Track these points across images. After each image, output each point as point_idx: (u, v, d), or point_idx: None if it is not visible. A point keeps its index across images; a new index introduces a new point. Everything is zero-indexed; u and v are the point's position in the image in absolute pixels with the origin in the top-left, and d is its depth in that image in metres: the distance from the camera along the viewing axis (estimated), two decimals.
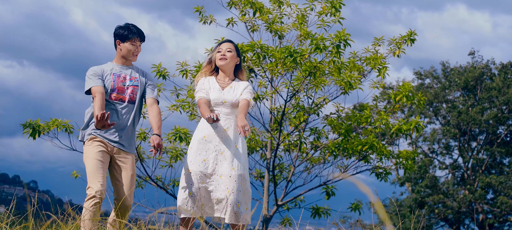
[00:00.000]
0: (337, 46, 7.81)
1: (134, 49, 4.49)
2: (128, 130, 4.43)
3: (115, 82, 4.40)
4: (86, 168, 4.25)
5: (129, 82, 4.46)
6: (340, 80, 8.44)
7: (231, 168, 4.36)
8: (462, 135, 28.60)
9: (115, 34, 4.54)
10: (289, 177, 9.21)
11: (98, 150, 4.28)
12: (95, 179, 4.17)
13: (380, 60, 8.59)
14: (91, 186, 4.16)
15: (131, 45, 4.48)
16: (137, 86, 4.48)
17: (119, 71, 4.49)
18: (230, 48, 4.62)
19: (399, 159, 9.06)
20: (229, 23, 9.48)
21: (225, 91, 4.53)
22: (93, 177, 4.18)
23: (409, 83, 8.82)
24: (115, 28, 4.56)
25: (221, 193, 4.30)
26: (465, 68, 29.42)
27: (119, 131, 4.38)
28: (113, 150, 4.36)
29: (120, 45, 4.50)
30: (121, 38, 4.49)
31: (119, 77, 4.44)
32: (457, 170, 29.05)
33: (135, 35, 4.50)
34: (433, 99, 28.92)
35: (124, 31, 4.50)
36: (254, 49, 8.11)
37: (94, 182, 4.16)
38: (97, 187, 4.13)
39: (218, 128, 4.42)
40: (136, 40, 4.50)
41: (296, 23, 8.94)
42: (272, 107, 9.29)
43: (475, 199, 26.80)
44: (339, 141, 8.88)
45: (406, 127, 8.53)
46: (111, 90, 4.38)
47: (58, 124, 8.04)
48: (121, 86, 4.42)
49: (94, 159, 4.25)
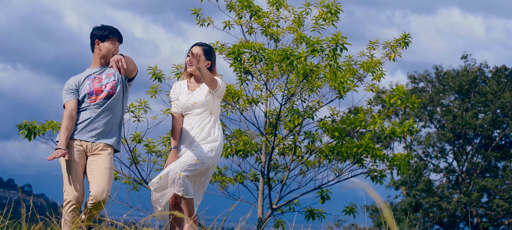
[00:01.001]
0: (333, 50, 7.82)
1: (113, 48, 4.47)
2: (100, 123, 4.39)
3: (90, 86, 4.40)
4: (62, 170, 4.26)
5: (106, 81, 4.45)
6: (335, 82, 8.47)
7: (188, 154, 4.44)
8: (457, 138, 28.69)
9: (94, 34, 4.54)
10: (284, 180, 9.22)
11: (74, 150, 4.29)
12: (71, 183, 4.17)
13: (375, 64, 8.61)
14: (67, 190, 4.16)
15: (111, 44, 4.47)
16: (115, 81, 4.46)
17: (94, 74, 4.49)
18: (198, 52, 4.61)
19: (393, 161, 9.09)
20: (226, 26, 9.49)
21: (195, 93, 4.58)
22: (69, 181, 4.19)
23: (403, 86, 8.85)
24: (93, 29, 4.56)
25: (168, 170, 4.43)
26: (458, 72, 29.53)
27: (96, 129, 4.37)
28: (87, 147, 4.34)
29: (100, 45, 4.50)
30: (101, 38, 4.50)
31: (94, 80, 4.43)
32: (452, 173, 29.13)
33: (115, 35, 4.50)
34: (428, 103, 29.02)
35: (104, 31, 4.51)
36: (251, 51, 8.12)
37: (69, 186, 4.17)
38: (73, 192, 4.14)
39: (193, 129, 4.47)
40: (115, 40, 4.49)
41: (292, 26, 8.96)
42: (267, 110, 9.30)
43: (470, 202, 26.87)
44: (333, 144, 8.90)
45: (399, 130, 8.55)
46: (89, 94, 4.38)
47: (54, 126, 8.02)
48: (98, 87, 4.41)
49: (70, 161, 4.28)
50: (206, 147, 4.47)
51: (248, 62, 8.38)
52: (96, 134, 4.37)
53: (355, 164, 9.08)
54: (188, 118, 4.52)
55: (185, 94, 4.56)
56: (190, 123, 4.51)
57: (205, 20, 9.56)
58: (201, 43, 4.73)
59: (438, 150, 29.44)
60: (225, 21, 9.50)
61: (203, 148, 4.46)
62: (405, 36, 8.68)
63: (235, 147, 9.13)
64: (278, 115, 8.76)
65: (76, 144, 4.34)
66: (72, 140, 4.37)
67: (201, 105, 4.52)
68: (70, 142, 4.36)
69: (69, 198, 4.14)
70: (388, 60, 8.75)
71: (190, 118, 4.53)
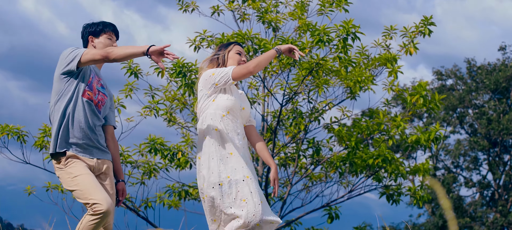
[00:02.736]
0: (344, 40, 7.85)
1: (110, 44, 4.56)
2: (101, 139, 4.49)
3: (93, 79, 4.47)
4: (79, 187, 4.23)
5: (100, 88, 4.52)
6: (347, 80, 8.49)
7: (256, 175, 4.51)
8: (492, 146, 28.79)
9: (86, 31, 4.61)
10: (285, 196, 9.25)
11: (85, 165, 4.32)
12: (100, 192, 4.17)
13: (393, 57, 8.64)
14: (98, 197, 4.13)
15: (107, 39, 4.58)
16: (106, 97, 4.55)
17: (96, 71, 4.57)
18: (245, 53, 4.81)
19: (415, 187, 9.10)
20: (214, 11, 9.53)
21: (242, 97, 4.66)
22: (95, 190, 4.18)
23: (426, 82, 8.84)
24: (84, 27, 4.65)
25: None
26: (494, 66, 29.64)
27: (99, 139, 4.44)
28: (94, 167, 4.40)
29: (94, 42, 4.58)
30: (95, 34, 4.59)
31: (94, 78, 4.51)
32: (486, 188, 29.23)
33: (110, 28, 4.60)
34: (458, 104, 29.09)
35: (98, 26, 4.60)
36: (245, 41, 8.16)
37: (100, 195, 4.15)
38: (107, 200, 4.13)
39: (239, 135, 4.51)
40: (111, 35, 4.59)
41: (295, 12, 9.00)
42: (266, 112, 9.34)
43: (508, 224, 26.95)
44: (346, 154, 8.91)
45: (424, 137, 8.57)
46: (87, 86, 4.42)
47: (9, 130, 8.03)
48: (95, 86, 4.49)
49: (85, 175, 4.26)
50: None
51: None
52: (101, 148, 4.46)
53: (369, 178, 9.11)
54: (233, 120, 4.54)
55: (236, 93, 4.60)
56: (235, 126, 4.51)
57: (188, 5, 9.60)
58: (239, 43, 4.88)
59: (470, 160, 29.54)
60: (213, 6, 9.55)
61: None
62: (427, 19, 8.64)
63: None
64: (278, 118, 8.79)
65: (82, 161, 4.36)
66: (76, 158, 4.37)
67: (245, 114, 4.61)
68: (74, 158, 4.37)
69: (104, 208, 4.13)
70: (405, 55, 8.75)
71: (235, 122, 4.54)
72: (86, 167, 4.29)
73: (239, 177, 4.26)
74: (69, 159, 4.32)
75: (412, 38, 8.67)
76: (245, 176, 4.27)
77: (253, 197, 4.21)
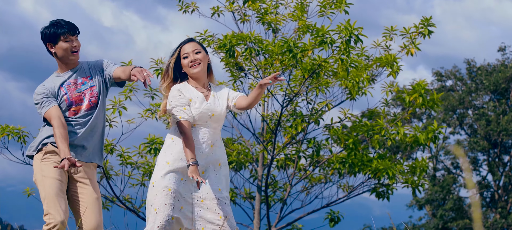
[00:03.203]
0: (346, 42, 7.85)
1: (70, 46, 4.45)
2: (91, 140, 4.45)
3: (68, 95, 4.41)
4: (43, 189, 4.24)
5: (83, 87, 4.45)
6: (347, 81, 8.50)
7: (218, 189, 4.40)
8: (492, 147, 28.80)
9: (43, 38, 4.48)
10: (285, 198, 9.26)
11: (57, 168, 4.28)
12: (56, 205, 4.16)
13: (393, 58, 8.66)
14: (52, 213, 4.14)
15: (65, 43, 4.44)
16: (94, 86, 4.48)
17: (68, 79, 4.48)
18: (198, 49, 4.50)
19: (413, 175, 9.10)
20: (214, 12, 9.54)
21: (211, 102, 4.49)
22: (54, 202, 4.17)
23: (424, 81, 8.83)
24: (40, 32, 4.50)
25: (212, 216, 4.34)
26: (494, 67, 29.64)
27: (82, 142, 4.40)
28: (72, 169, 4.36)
29: (53, 49, 4.46)
30: (51, 40, 4.45)
31: (70, 86, 4.42)
32: (486, 189, 29.23)
33: (65, 30, 4.44)
34: (457, 105, 29.10)
35: (50, 29, 4.44)
36: (246, 42, 8.16)
37: (55, 208, 4.15)
38: (60, 215, 4.13)
39: (204, 144, 4.43)
40: (69, 36, 4.46)
41: (295, 13, 9.01)
42: (265, 114, 9.34)
43: (508, 225, 26.95)
44: (345, 155, 8.92)
45: (423, 137, 8.59)
46: (68, 106, 4.38)
47: (10, 131, 8.04)
48: (77, 95, 4.41)
49: (53, 179, 4.24)
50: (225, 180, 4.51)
51: (243, 56, 8.43)
52: (84, 154, 4.41)
53: (370, 178, 9.12)
54: (197, 129, 4.48)
55: (201, 101, 4.50)
56: (201, 135, 4.47)
57: (189, 6, 9.61)
58: (193, 39, 4.72)
59: (470, 161, 29.52)
60: (213, 7, 9.56)
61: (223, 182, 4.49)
62: (427, 20, 8.66)
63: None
64: (279, 119, 8.80)
65: (58, 159, 4.35)
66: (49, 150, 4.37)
67: (218, 119, 4.51)
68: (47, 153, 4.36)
69: (54, 222, 4.14)
70: (406, 55, 8.77)
71: (199, 130, 4.48)
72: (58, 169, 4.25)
73: (162, 185, 4.34)
74: (47, 154, 4.34)
75: (412, 39, 8.69)
76: (167, 187, 4.32)
77: (164, 210, 4.30)
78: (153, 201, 4.36)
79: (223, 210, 4.36)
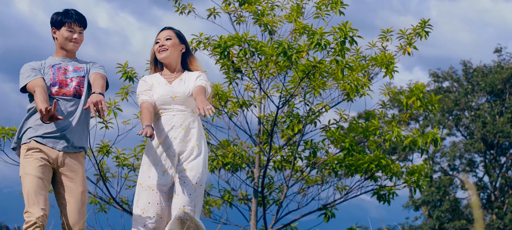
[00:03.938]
0: (341, 43, 7.87)
1: (70, 35, 4.52)
2: (75, 129, 4.45)
3: (54, 75, 4.45)
4: (24, 186, 4.28)
5: (72, 74, 4.49)
6: (344, 83, 8.52)
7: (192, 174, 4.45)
8: (488, 149, 28.85)
9: (51, 22, 4.60)
10: (281, 200, 9.26)
11: (38, 164, 4.30)
12: (35, 202, 4.20)
13: (390, 58, 8.69)
14: (30, 210, 4.19)
15: (67, 32, 4.52)
16: (83, 77, 4.51)
17: (59, 64, 4.54)
18: (170, 35, 4.68)
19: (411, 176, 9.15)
20: (210, 14, 9.55)
21: (175, 84, 4.59)
22: (33, 199, 4.21)
23: (423, 84, 8.90)
24: (51, 16, 4.62)
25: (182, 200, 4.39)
26: (490, 68, 29.69)
27: (65, 131, 4.40)
28: (57, 159, 4.37)
29: (56, 34, 4.57)
30: (56, 25, 4.56)
31: (60, 70, 4.48)
32: (483, 190, 29.28)
33: (72, 19, 4.54)
34: (453, 107, 29.15)
35: (59, 16, 4.55)
36: (241, 43, 8.17)
37: (33, 205, 4.19)
38: (38, 212, 4.16)
39: (174, 128, 4.50)
40: (74, 26, 4.53)
41: (291, 15, 9.02)
42: (261, 115, 9.35)
43: (504, 226, 27.00)
44: (342, 156, 8.94)
45: (422, 141, 8.61)
46: (51, 85, 4.43)
47: (6, 132, 8.03)
48: (63, 78, 4.46)
49: (33, 176, 4.27)
50: (200, 161, 4.52)
51: (238, 57, 8.43)
52: (69, 142, 4.41)
53: (366, 180, 9.14)
54: (166, 114, 4.56)
55: (163, 85, 4.60)
56: (169, 121, 4.54)
57: (185, 7, 9.61)
58: (170, 27, 4.81)
59: (466, 163, 29.58)
60: (209, 8, 9.56)
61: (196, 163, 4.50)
62: (424, 22, 8.72)
63: (222, 160, 9.17)
64: (274, 121, 8.80)
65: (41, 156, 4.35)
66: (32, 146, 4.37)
67: (182, 101, 4.56)
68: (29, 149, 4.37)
69: (33, 219, 4.17)
70: (403, 54, 8.82)
71: (168, 114, 4.56)
72: (40, 166, 4.30)
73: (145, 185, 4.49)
74: (30, 151, 4.35)
75: (410, 40, 8.74)
76: (149, 186, 4.47)
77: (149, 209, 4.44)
78: (138, 200, 4.50)
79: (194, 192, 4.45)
